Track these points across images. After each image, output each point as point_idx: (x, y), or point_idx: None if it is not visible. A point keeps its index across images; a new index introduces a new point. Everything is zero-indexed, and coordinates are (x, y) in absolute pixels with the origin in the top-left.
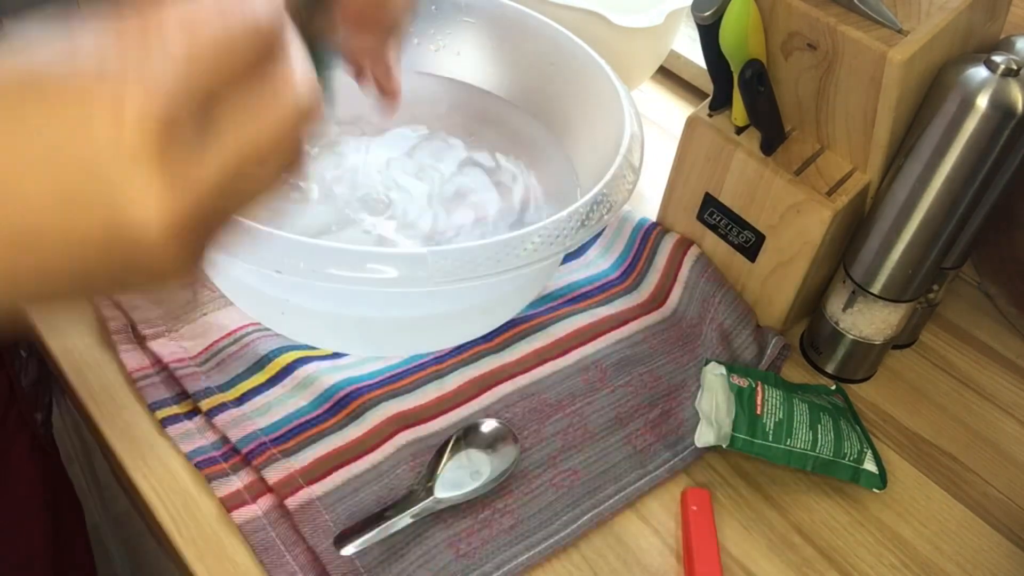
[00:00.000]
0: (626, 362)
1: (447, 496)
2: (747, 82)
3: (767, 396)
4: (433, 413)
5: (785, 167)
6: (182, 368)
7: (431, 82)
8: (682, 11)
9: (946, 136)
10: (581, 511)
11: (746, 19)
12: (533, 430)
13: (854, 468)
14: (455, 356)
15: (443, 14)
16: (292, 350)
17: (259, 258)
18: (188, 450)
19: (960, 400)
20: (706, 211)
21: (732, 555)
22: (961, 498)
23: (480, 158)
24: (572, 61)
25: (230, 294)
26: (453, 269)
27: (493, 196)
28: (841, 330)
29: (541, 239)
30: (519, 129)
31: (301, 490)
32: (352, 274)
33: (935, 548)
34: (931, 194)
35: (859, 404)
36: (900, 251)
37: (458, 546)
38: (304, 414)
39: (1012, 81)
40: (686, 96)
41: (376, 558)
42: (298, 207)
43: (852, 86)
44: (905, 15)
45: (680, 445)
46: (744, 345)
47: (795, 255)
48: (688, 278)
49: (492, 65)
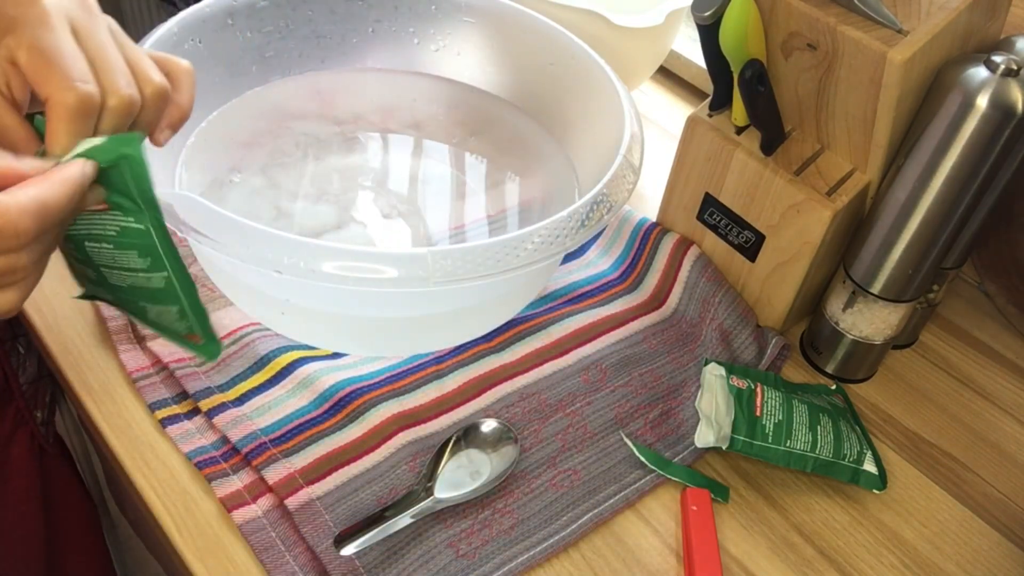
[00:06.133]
0: (626, 362)
1: (447, 496)
2: (747, 82)
3: (767, 397)
4: (433, 413)
5: (785, 167)
6: (182, 368)
7: (431, 82)
8: (682, 11)
9: (946, 136)
10: (581, 511)
11: (746, 19)
12: (533, 430)
13: (854, 469)
14: (455, 356)
15: (443, 14)
16: (292, 350)
17: (259, 258)
18: (188, 450)
19: (960, 400)
20: (706, 211)
21: (732, 555)
22: (961, 498)
23: (480, 158)
24: (572, 61)
25: (230, 294)
26: (453, 269)
27: (493, 196)
28: (841, 330)
29: (541, 239)
30: (519, 129)
31: (301, 490)
32: (352, 274)
33: (935, 548)
34: (931, 194)
35: (859, 404)
36: (900, 251)
37: (458, 546)
38: (304, 414)
39: (1012, 81)
40: (686, 96)
41: (376, 558)
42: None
43: (852, 86)
44: (905, 15)
45: (680, 445)
46: (744, 345)
47: (795, 255)
48: (688, 278)
49: (492, 65)
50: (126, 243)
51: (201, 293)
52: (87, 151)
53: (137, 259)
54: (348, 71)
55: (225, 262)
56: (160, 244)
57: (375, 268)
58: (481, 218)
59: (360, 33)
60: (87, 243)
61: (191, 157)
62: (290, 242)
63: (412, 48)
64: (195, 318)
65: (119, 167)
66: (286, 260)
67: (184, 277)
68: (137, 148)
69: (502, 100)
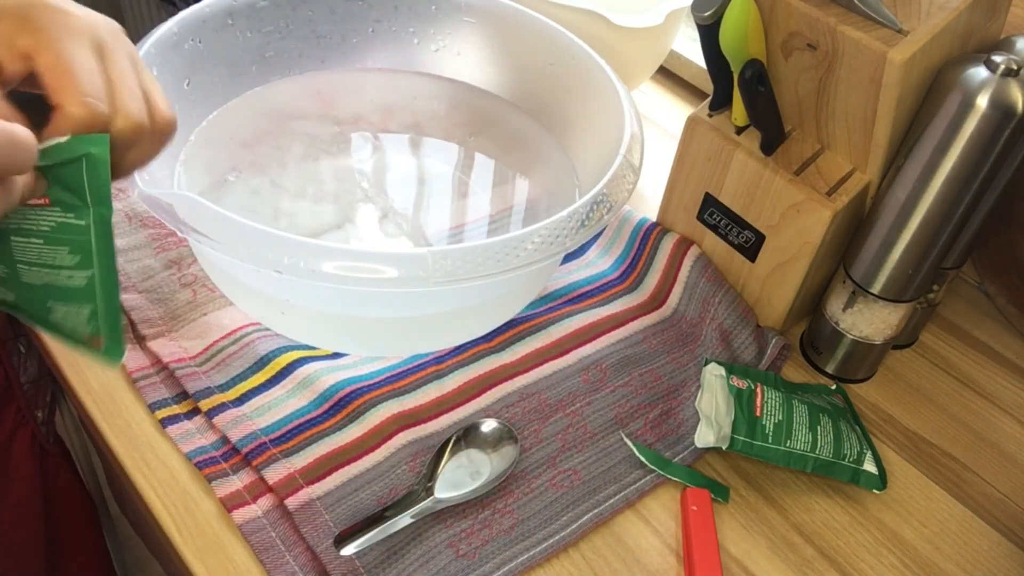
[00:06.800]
0: (626, 362)
1: (447, 496)
2: (747, 82)
3: (767, 398)
4: (433, 413)
5: (785, 167)
6: (182, 368)
7: (431, 82)
8: (682, 11)
9: (946, 136)
10: (581, 511)
11: (746, 19)
12: (533, 430)
13: (854, 469)
14: (455, 356)
15: (443, 14)
16: (292, 350)
17: (259, 258)
18: (188, 450)
19: (960, 400)
20: (706, 211)
21: (732, 555)
22: (961, 498)
23: (480, 158)
24: (572, 61)
25: (230, 294)
26: (453, 269)
27: (493, 196)
28: (841, 330)
29: (541, 239)
30: (519, 129)
31: (301, 490)
32: (352, 274)
33: (935, 548)
34: (931, 194)
35: (859, 404)
36: (900, 251)
37: (458, 546)
38: (304, 414)
39: (1012, 81)
40: (686, 96)
41: (376, 558)
42: (298, 207)
43: (852, 86)
44: (905, 15)
45: (680, 445)
46: (744, 345)
47: (795, 255)
48: (688, 278)
49: (492, 65)
50: (60, 239)
51: (201, 293)
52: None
53: (66, 256)
54: (348, 71)
55: (225, 262)
56: (96, 243)
57: (375, 268)
58: (481, 218)
59: (360, 33)
60: (13, 237)
61: (191, 157)
62: (290, 242)
63: (412, 48)
64: (106, 319)
65: (77, 163)
66: (286, 260)
67: (111, 277)
68: (103, 148)
69: (502, 100)
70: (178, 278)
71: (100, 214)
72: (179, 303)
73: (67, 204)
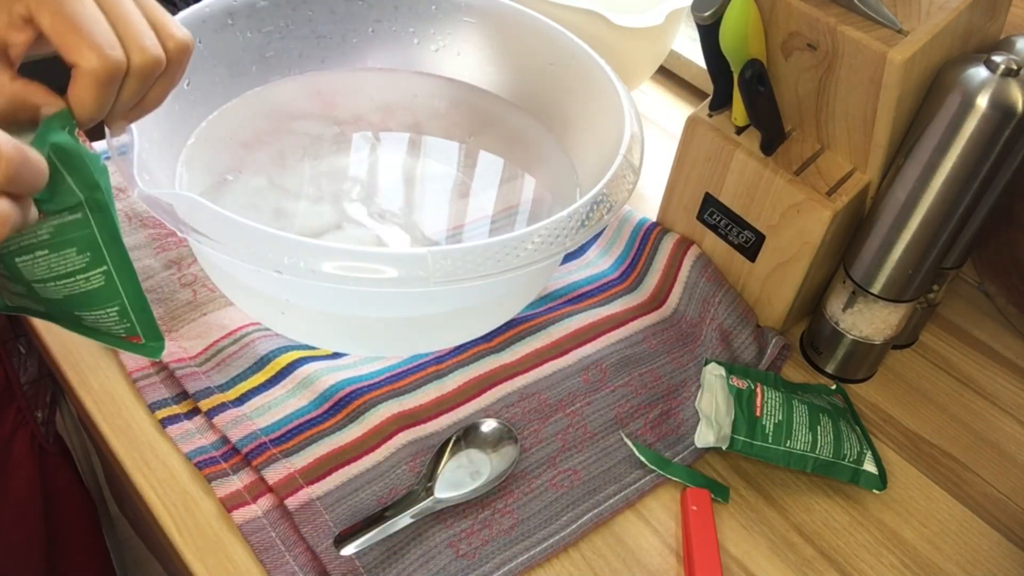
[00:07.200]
0: (626, 362)
1: (447, 496)
2: (747, 82)
3: (767, 397)
4: (433, 413)
5: (785, 167)
6: (182, 368)
7: (431, 82)
8: (682, 11)
9: (946, 136)
10: (581, 511)
11: (746, 19)
12: (533, 430)
13: (854, 469)
14: (455, 356)
15: (443, 14)
16: (292, 350)
17: (259, 258)
18: (188, 450)
19: (960, 400)
20: (706, 211)
21: (732, 555)
22: (961, 498)
23: (480, 158)
24: (572, 61)
25: (230, 294)
26: (453, 269)
27: (493, 196)
28: (841, 330)
29: (541, 239)
30: (519, 129)
31: (301, 490)
32: (352, 274)
33: (935, 548)
34: (931, 194)
35: (859, 404)
36: (900, 251)
37: (458, 546)
38: (304, 414)
39: (1012, 81)
40: (686, 96)
41: (376, 558)
42: (298, 207)
43: (852, 86)
44: (905, 15)
45: (680, 445)
46: (744, 345)
47: (795, 255)
48: (688, 278)
49: (492, 65)
50: (64, 241)
51: (201, 293)
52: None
53: (75, 257)
54: (348, 71)
55: (225, 262)
56: (100, 232)
57: (375, 268)
58: (481, 218)
59: (360, 33)
60: (17, 259)
61: (191, 157)
62: (290, 242)
63: (412, 48)
64: (136, 315)
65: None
66: (286, 260)
67: (126, 268)
68: (63, 133)
69: (502, 100)
70: (178, 278)
71: (94, 200)
72: (179, 303)
73: (58, 203)
